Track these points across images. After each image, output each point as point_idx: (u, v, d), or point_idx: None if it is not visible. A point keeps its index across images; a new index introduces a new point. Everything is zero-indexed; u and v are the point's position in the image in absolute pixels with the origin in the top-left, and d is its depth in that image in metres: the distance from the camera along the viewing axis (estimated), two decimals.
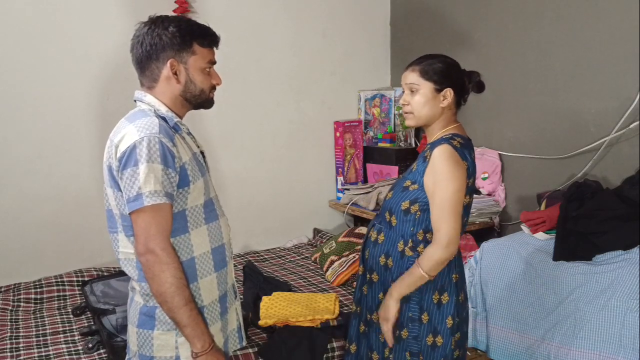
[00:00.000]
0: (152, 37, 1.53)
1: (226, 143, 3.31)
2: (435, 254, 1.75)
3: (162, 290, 1.46)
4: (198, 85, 1.59)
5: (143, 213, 1.44)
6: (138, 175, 1.42)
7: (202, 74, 1.59)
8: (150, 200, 1.42)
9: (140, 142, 1.43)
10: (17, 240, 2.91)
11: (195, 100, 1.61)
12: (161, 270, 1.45)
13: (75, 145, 2.97)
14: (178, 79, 1.56)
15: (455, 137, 1.81)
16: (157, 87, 1.57)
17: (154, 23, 1.55)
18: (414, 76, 1.82)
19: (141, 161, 1.42)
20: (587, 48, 2.61)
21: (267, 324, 2.35)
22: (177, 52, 1.54)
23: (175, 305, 1.47)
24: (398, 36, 3.70)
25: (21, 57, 2.83)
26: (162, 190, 1.44)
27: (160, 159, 1.44)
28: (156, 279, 1.46)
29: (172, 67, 1.55)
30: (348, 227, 3.52)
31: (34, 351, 2.26)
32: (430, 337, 1.83)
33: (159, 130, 1.46)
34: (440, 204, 1.76)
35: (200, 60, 1.57)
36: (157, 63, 1.55)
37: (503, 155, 3.06)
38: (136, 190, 1.43)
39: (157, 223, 1.44)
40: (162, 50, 1.53)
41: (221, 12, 3.20)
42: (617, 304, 2.03)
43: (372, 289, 1.93)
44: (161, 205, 1.44)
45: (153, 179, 1.43)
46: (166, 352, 1.56)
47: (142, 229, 1.45)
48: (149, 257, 1.45)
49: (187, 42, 1.54)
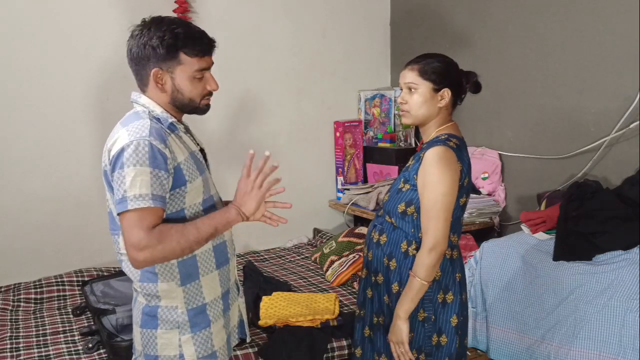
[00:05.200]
0: (138, 45, 1.51)
1: (226, 143, 3.31)
2: (425, 258, 1.76)
3: (180, 251, 1.45)
4: (186, 95, 1.55)
5: (128, 215, 1.41)
6: (124, 179, 1.42)
7: (192, 83, 1.55)
8: (134, 204, 1.40)
9: (128, 146, 1.43)
10: (17, 240, 2.91)
11: (185, 108, 1.59)
12: (162, 249, 1.42)
13: (75, 145, 2.98)
14: (163, 88, 1.54)
15: (451, 137, 1.82)
16: (148, 91, 1.57)
17: (143, 28, 1.53)
18: (413, 75, 1.82)
19: (127, 164, 1.42)
20: (587, 48, 2.61)
21: (267, 324, 2.35)
22: (162, 61, 1.51)
23: (195, 240, 1.46)
24: (398, 36, 3.70)
25: (21, 57, 2.83)
26: (149, 193, 1.42)
27: (148, 161, 1.43)
28: (167, 254, 1.44)
29: (156, 76, 1.52)
30: (348, 227, 3.52)
31: (34, 351, 2.26)
32: (434, 336, 1.84)
33: (149, 133, 1.45)
34: (428, 207, 1.77)
35: (187, 69, 1.53)
36: (145, 70, 1.53)
37: (503, 155, 3.06)
38: (122, 193, 1.42)
39: (139, 226, 1.41)
40: (147, 59, 1.51)
41: (221, 12, 3.20)
42: (617, 304, 2.03)
43: (378, 291, 1.93)
44: (145, 210, 1.41)
45: (139, 183, 1.41)
46: (170, 350, 1.56)
47: (125, 231, 1.43)
48: (145, 253, 1.42)
49: (172, 52, 1.50)
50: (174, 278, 1.54)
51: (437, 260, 1.77)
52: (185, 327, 1.56)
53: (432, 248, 1.75)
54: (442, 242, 1.76)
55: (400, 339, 1.81)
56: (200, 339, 1.58)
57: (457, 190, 1.77)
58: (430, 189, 1.76)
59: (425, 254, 1.76)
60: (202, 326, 1.58)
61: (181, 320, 1.56)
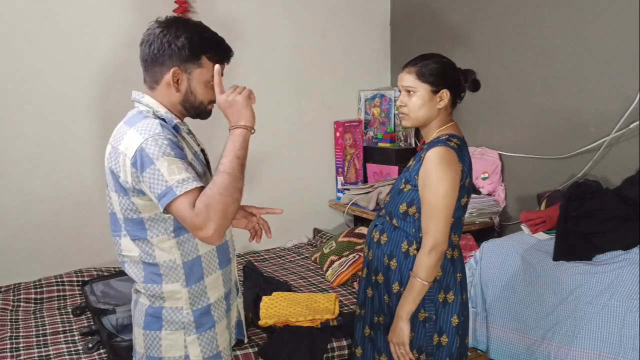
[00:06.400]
0: (161, 43, 1.50)
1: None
2: (425, 259, 1.77)
3: (231, 199, 1.41)
4: (198, 98, 1.56)
5: (177, 203, 1.37)
6: (159, 171, 1.39)
7: (205, 87, 1.56)
8: (182, 189, 1.37)
9: (146, 143, 1.42)
10: (17, 240, 2.91)
11: (193, 111, 1.59)
12: (215, 210, 1.37)
13: (75, 145, 2.97)
14: (178, 88, 1.54)
15: (452, 137, 1.82)
16: (157, 89, 1.55)
17: (168, 26, 1.52)
18: (410, 78, 1.82)
19: (156, 158, 1.40)
20: (587, 48, 2.61)
21: (267, 324, 2.35)
22: (184, 62, 1.51)
23: (232, 180, 1.43)
24: (398, 36, 3.70)
25: (21, 57, 2.82)
26: (190, 176, 1.40)
27: (173, 152, 1.42)
28: (224, 210, 1.38)
29: (175, 75, 1.52)
30: (348, 227, 3.52)
31: (34, 351, 2.26)
32: (435, 336, 1.84)
33: (161, 130, 1.45)
34: (428, 207, 1.77)
35: (206, 73, 1.54)
36: (162, 68, 1.52)
37: (503, 155, 3.06)
38: (164, 185, 1.38)
39: (191, 209, 1.37)
40: (169, 57, 1.51)
41: (221, 12, 3.19)
42: (617, 304, 2.03)
43: (378, 291, 1.93)
44: (193, 191, 1.38)
45: (176, 170, 1.39)
46: (175, 352, 1.56)
47: (182, 220, 1.39)
48: (209, 227, 1.37)
49: (196, 54, 1.51)
50: (179, 279, 1.54)
51: (437, 261, 1.77)
52: (191, 328, 1.56)
53: (432, 248, 1.76)
54: (442, 243, 1.76)
55: (401, 340, 1.81)
56: (205, 339, 1.58)
57: (457, 191, 1.77)
58: (431, 189, 1.76)
59: (425, 255, 1.76)
60: (207, 326, 1.58)
61: (186, 321, 1.56)
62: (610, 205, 2.24)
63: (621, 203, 2.24)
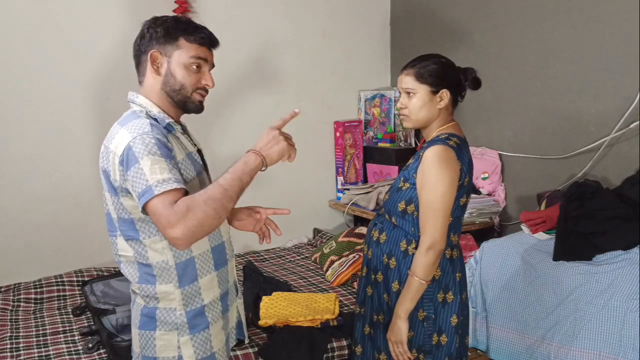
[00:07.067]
0: (143, 34, 1.56)
1: (226, 143, 3.31)
2: (423, 258, 1.77)
3: (215, 214, 1.37)
4: (178, 80, 1.54)
5: (153, 202, 1.36)
6: (142, 170, 1.38)
7: (185, 70, 1.55)
8: (160, 189, 1.36)
9: (134, 142, 1.42)
10: (17, 240, 2.91)
11: (176, 97, 1.56)
12: (193, 217, 1.34)
13: (75, 145, 2.97)
14: (158, 71, 1.55)
15: (452, 137, 1.82)
16: (145, 81, 1.57)
17: (153, 20, 1.57)
18: (410, 80, 1.82)
19: (140, 156, 1.40)
20: (587, 48, 2.61)
21: (267, 324, 2.35)
22: (162, 45, 1.54)
23: (224, 197, 1.40)
24: (398, 36, 3.70)
25: (21, 57, 2.82)
26: (171, 177, 1.38)
27: (160, 151, 1.42)
28: (202, 221, 1.35)
29: (152, 57, 1.54)
30: (348, 227, 3.52)
31: (34, 351, 2.26)
32: (435, 335, 1.84)
33: (150, 129, 1.45)
34: (426, 206, 1.77)
35: (184, 54, 1.54)
36: (145, 56, 1.55)
37: (503, 155, 3.06)
38: (144, 183, 1.37)
39: (165, 206, 1.35)
40: (148, 43, 1.54)
41: (221, 12, 3.20)
42: (617, 304, 2.03)
43: (377, 289, 1.93)
44: (171, 192, 1.36)
45: (158, 170, 1.38)
46: (169, 352, 1.56)
47: (156, 218, 1.37)
48: (180, 228, 1.34)
49: (172, 35, 1.53)
50: (172, 280, 1.54)
51: (435, 260, 1.77)
52: (184, 329, 1.56)
53: (430, 247, 1.76)
54: (439, 242, 1.76)
55: (400, 339, 1.81)
56: (199, 340, 1.58)
57: (456, 190, 1.77)
58: (429, 188, 1.76)
59: (422, 253, 1.76)
60: (200, 328, 1.58)
61: (179, 322, 1.55)
62: (610, 205, 2.24)
63: (621, 203, 2.24)
